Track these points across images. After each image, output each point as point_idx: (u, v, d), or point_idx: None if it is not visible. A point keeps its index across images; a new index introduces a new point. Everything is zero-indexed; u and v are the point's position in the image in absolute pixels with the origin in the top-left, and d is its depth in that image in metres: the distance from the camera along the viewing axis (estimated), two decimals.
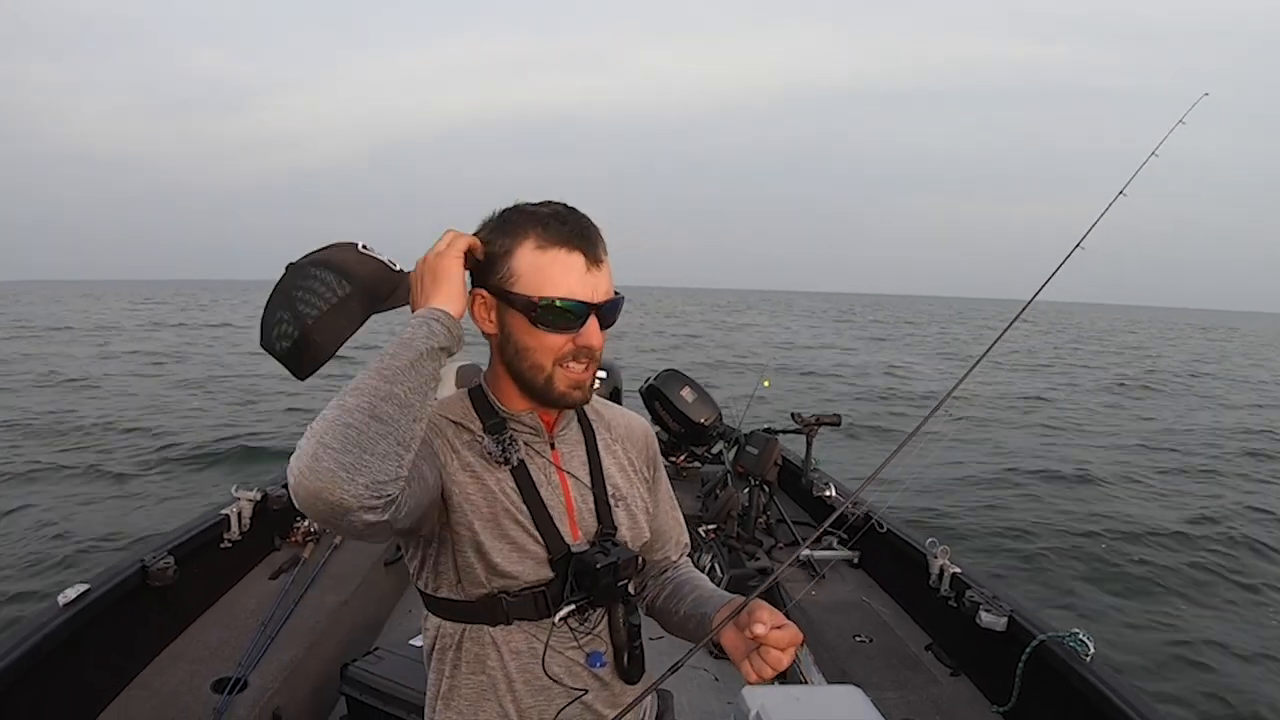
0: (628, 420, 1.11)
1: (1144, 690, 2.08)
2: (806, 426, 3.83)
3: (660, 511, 1.13)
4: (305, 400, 10.47)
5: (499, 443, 0.94)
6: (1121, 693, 1.83)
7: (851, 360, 21.58)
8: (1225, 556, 5.96)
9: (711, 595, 1.05)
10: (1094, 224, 1.41)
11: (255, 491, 2.90)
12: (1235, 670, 4.22)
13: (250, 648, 2.28)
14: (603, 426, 1.07)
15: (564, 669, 0.96)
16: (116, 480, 7.28)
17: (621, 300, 0.95)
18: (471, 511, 0.92)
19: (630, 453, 1.08)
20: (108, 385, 13.32)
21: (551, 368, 0.91)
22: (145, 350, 19.63)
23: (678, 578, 1.13)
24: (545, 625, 0.95)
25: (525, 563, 0.93)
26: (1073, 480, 8.22)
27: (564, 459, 1.00)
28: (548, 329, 0.89)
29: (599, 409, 1.09)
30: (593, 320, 0.90)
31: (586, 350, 0.91)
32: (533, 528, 0.94)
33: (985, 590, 2.44)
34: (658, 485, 1.13)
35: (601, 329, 0.92)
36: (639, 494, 1.06)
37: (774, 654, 0.83)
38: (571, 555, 0.94)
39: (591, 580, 0.92)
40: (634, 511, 1.04)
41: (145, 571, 2.21)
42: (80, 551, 5.27)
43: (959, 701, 2.30)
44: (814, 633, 2.67)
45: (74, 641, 1.91)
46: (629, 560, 0.95)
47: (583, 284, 0.89)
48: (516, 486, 0.94)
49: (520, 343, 0.91)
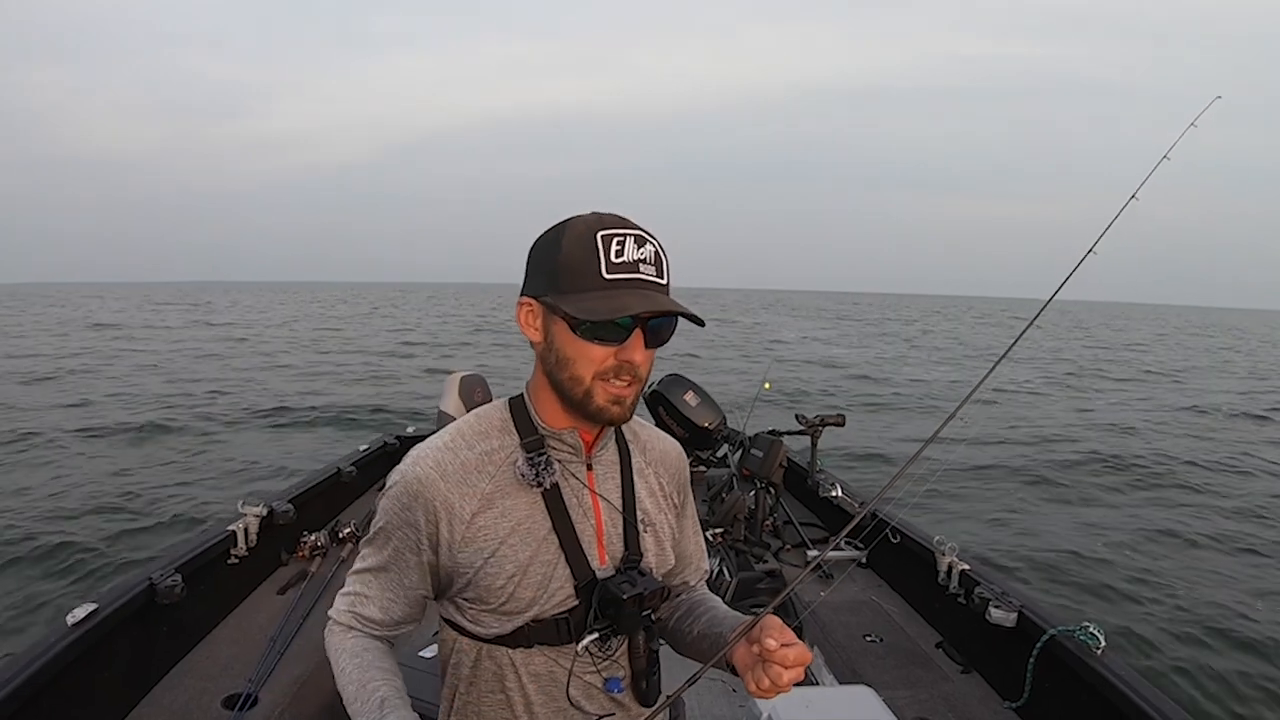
0: (663, 444, 1.09)
1: (1156, 682, 2.07)
2: (811, 428, 3.83)
3: (684, 538, 1.11)
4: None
5: (533, 465, 0.92)
6: (1134, 685, 1.82)
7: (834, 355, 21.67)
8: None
9: (726, 616, 1.04)
10: (1106, 228, 1.38)
11: (261, 507, 2.90)
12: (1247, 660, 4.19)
13: (260, 663, 2.28)
14: (638, 449, 1.05)
15: (582, 693, 0.96)
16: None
17: (673, 320, 0.90)
18: (494, 549, 0.91)
19: (662, 478, 1.06)
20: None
21: (591, 381, 0.88)
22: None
23: (692, 599, 1.12)
24: (567, 651, 0.94)
25: (550, 589, 0.92)
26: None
27: (599, 481, 0.98)
28: (590, 339, 0.87)
29: (636, 430, 1.07)
30: (637, 335, 0.87)
31: (629, 366, 0.88)
32: (560, 554, 0.92)
33: (995, 586, 2.43)
34: (685, 511, 1.11)
35: (648, 346, 0.89)
36: (667, 520, 1.05)
37: (776, 669, 0.82)
38: (597, 583, 0.93)
39: (616, 610, 0.91)
40: (661, 539, 1.03)
41: (153, 590, 2.20)
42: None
43: (971, 699, 2.29)
44: (824, 633, 2.67)
45: (83, 661, 1.90)
46: (655, 592, 0.94)
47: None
48: (547, 510, 0.93)
49: (562, 352, 0.89)
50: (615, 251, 0.85)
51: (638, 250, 0.86)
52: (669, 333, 0.91)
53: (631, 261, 0.85)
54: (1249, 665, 4.15)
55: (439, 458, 0.93)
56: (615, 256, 0.85)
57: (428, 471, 0.92)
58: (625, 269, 0.85)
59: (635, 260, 0.85)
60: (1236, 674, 4.03)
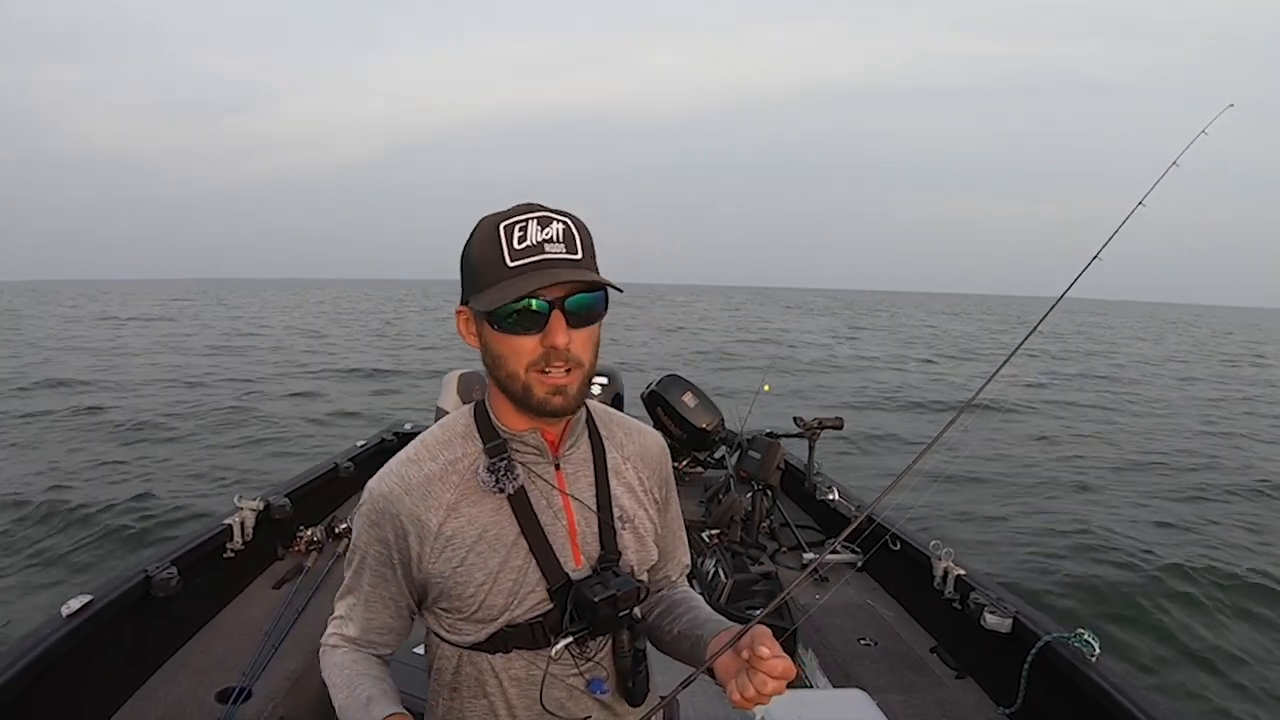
0: (642, 439, 1.06)
1: (1151, 689, 2.07)
2: (808, 430, 3.82)
3: (667, 532, 1.09)
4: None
5: (493, 471, 0.91)
6: (1128, 693, 1.82)
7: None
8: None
9: (709, 619, 1.02)
10: (1113, 235, 1.36)
11: (258, 501, 2.91)
12: (1243, 669, 4.19)
13: (255, 657, 2.28)
14: (614, 445, 1.02)
15: (566, 695, 0.95)
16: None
17: (595, 297, 0.86)
18: (463, 557, 0.90)
19: (642, 473, 1.04)
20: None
21: (526, 374, 0.86)
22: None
23: (673, 596, 1.10)
24: (544, 654, 0.93)
25: (523, 595, 0.91)
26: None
27: (569, 480, 0.96)
28: (509, 332, 0.85)
29: (612, 425, 1.05)
30: (556, 317, 0.83)
31: (557, 351, 0.84)
32: (530, 558, 0.91)
33: (990, 592, 2.43)
34: (668, 506, 1.09)
35: (572, 326, 0.85)
36: (648, 516, 1.03)
37: (761, 678, 0.80)
38: (571, 585, 0.92)
39: (590, 612, 0.90)
40: (642, 534, 1.01)
41: (149, 582, 2.20)
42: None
43: (965, 704, 2.29)
44: (819, 636, 2.66)
45: (77, 653, 1.90)
46: (630, 591, 0.92)
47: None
48: (514, 515, 0.92)
49: (493, 350, 0.88)
50: (518, 239, 0.83)
51: (541, 231, 0.83)
52: (597, 310, 0.87)
53: (535, 244, 0.83)
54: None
55: (403, 472, 0.93)
56: (518, 243, 0.83)
57: (392, 488, 0.92)
58: (529, 253, 0.83)
59: (539, 242, 0.83)
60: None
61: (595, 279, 0.84)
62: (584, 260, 0.85)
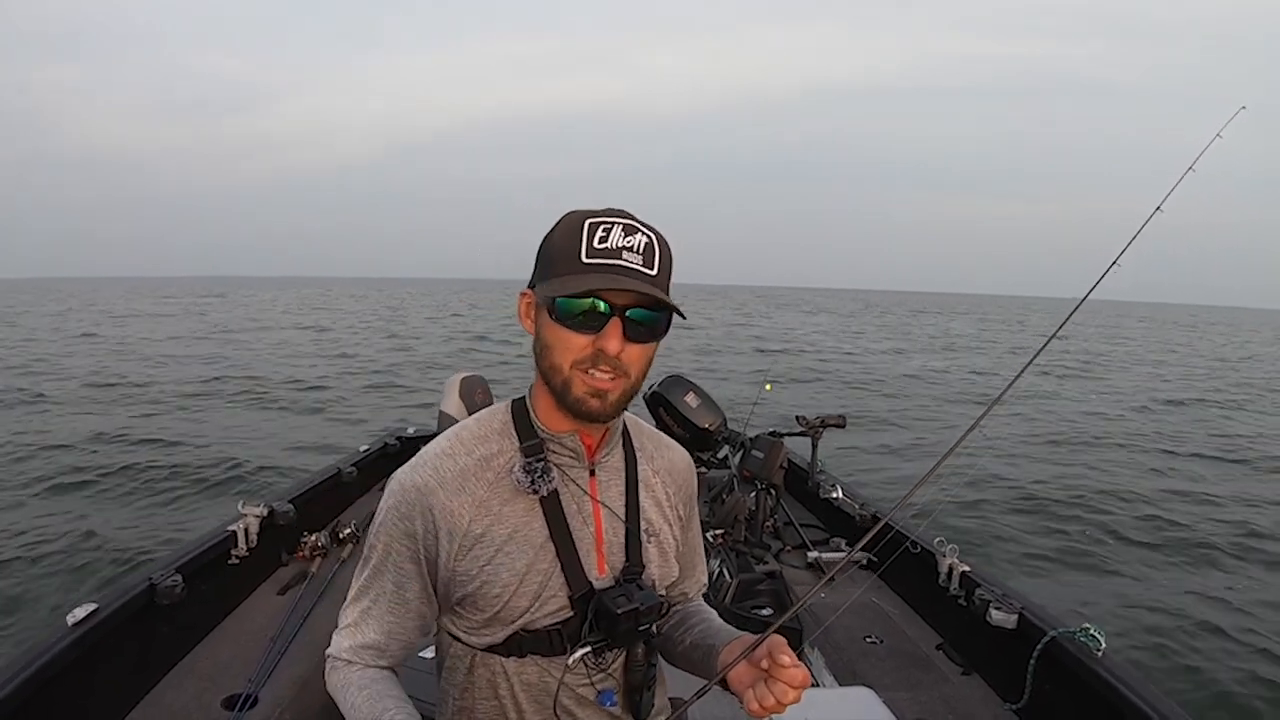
0: (671, 454, 1.07)
1: (1158, 683, 2.06)
2: (811, 429, 3.82)
3: (688, 549, 1.09)
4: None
5: (529, 471, 0.90)
6: (1135, 687, 1.82)
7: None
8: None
9: (720, 629, 1.02)
10: (1130, 241, 1.36)
11: (262, 507, 2.90)
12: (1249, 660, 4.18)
13: (260, 664, 2.28)
14: (645, 458, 1.02)
15: (574, 703, 0.95)
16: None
17: (657, 315, 0.86)
18: (491, 556, 0.89)
19: (669, 488, 1.04)
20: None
21: (569, 370, 0.85)
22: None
23: (686, 609, 1.11)
24: (559, 661, 0.92)
25: (544, 599, 0.91)
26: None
27: (602, 487, 0.95)
28: (566, 326, 0.84)
29: (645, 438, 1.05)
30: (614, 324, 0.83)
31: (606, 356, 0.84)
32: (556, 563, 0.91)
33: (995, 588, 2.43)
34: (690, 524, 1.09)
35: (630, 339, 0.84)
36: (672, 532, 1.03)
37: (781, 687, 0.81)
38: (594, 594, 0.91)
39: (611, 623, 0.90)
40: (665, 550, 1.01)
41: (153, 590, 2.20)
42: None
43: (971, 700, 2.29)
44: (824, 635, 2.66)
45: (83, 661, 1.90)
46: (653, 606, 0.92)
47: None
48: (545, 517, 0.91)
49: (545, 339, 0.87)
50: (599, 238, 0.83)
51: (624, 238, 0.83)
52: (658, 328, 0.87)
53: (614, 248, 0.83)
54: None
55: (437, 464, 0.91)
56: (598, 243, 0.83)
57: (426, 479, 0.90)
58: (605, 254, 0.82)
59: (619, 247, 0.83)
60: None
61: (661, 297, 0.84)
62: (658, 278, 0.85)
